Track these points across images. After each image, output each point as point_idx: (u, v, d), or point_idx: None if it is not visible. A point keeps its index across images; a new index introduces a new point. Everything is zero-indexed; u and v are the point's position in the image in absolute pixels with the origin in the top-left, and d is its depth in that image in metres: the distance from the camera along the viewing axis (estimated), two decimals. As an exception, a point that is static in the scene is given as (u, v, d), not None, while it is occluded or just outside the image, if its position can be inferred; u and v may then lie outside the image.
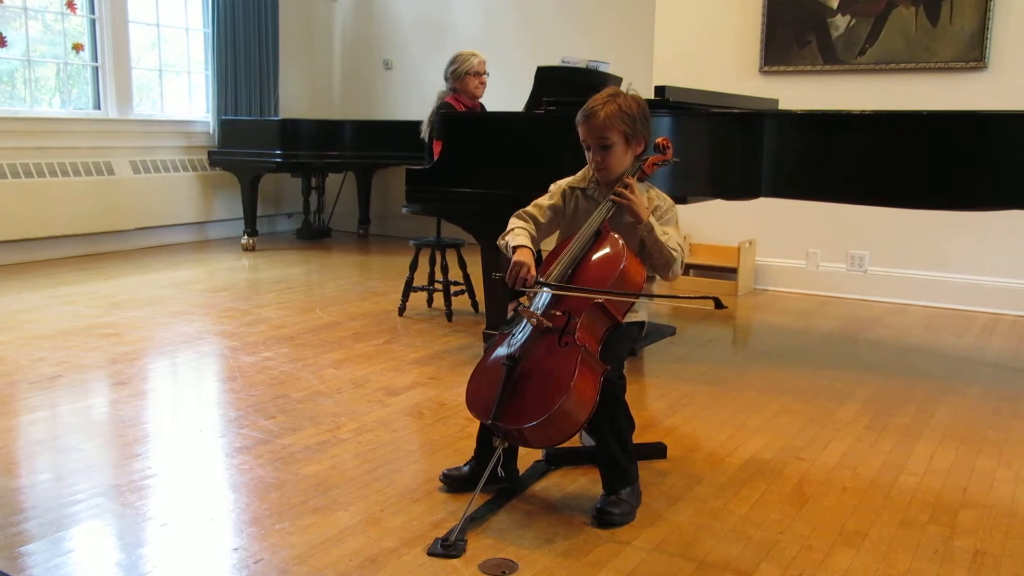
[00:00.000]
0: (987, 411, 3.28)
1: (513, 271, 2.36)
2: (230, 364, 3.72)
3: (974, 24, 4.90)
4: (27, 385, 3.38)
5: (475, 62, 4.69)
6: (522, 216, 2.58)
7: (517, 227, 2.53)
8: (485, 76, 4.77)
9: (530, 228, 2.54)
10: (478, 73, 4.71)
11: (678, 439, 2.92)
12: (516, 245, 2.44)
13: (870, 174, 3.46)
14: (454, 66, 4.71)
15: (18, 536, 2.15)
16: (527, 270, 2.35)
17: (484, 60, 4.75)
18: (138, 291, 5.22)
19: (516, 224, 2.55)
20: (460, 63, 4.69)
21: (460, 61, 4.69)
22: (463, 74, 4.68)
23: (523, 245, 2.44)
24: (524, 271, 2.35)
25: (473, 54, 4.72)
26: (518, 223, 2.55)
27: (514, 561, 2.06)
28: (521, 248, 2.43)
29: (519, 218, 2.57)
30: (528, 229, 2.53)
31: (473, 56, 4.70)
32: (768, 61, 5.49)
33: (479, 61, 4.71)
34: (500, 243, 2.52)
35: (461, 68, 4.68)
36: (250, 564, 2.03)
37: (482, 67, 4.73)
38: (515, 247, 2.43)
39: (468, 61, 4.68)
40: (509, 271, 2.37)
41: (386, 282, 5.70)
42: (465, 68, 4.67)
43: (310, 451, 2.74)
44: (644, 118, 2.45)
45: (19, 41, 6.19)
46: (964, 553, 2.15)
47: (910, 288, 5.28)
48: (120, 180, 6.62)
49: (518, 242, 2.45)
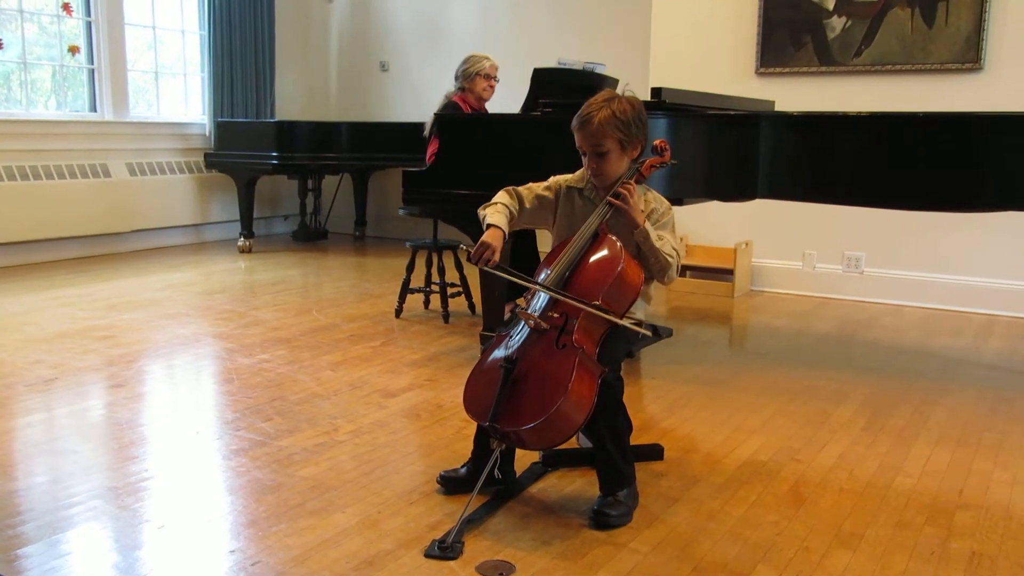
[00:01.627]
0: (983, 413, 3.29)
1: (479, 249, 2.35)
2: (227, 366, 3.72)
3: (970, 25, 4.91)
4: (23, 387, 3.37)
5: (487, 64, 4.71)
6: (510, 192, 2.57)
7: (500, 203, 2.52)
8: (495, 80, 4.78)
9: (512, 206, 2.53)
10: (488, 76, 4.72)
11: (675, 440, 2.92)
12: (490, 223, 2.42)
13: (866, 175, 3.47)
14: (465, 66, 4.73)
15: (15, 539, 2.15)
16: (491, 252, 2.35)
17: (496, 65, 4.78)
18: (134, 293, 5.21)
19: (501, 199, 2.54)
20: (472, 63, 4.71)
21: (472, 62, 4.72)
22: (473, 74, 4.69)
23: (496, 225, 2.42)
24: (488, 252, 2.34)
25: (486, 57, 4.75)
26: (503, 198, 2.54)
27: (511, 563, 2.06)
28: (493, 228, 2.41)
29: (507, 193, 2.56)
30: (511, 207, 2.52)
31: (485, 59, 4.73)
32: (764, 63, 5.50)
33: (491, 64, 4.73)
34: (480, 213, 2.50)
35: (472, 68, 4.70)
36: (247, 566, 2.03)
37: (493, 71, 4.75)
38: (489, 224, 2.42)
39: (480, 63, 4.70)
40: (475, 248, 2.36)
41: (383, 284, 5.70)
42: (476, 69, 4.69)
43: (307, 453, 2.73)
44: (640, 121, 2.45)
45: (15, 43, 6.18)
46: (961, 555, 2.16)
47: (906, 289, 5.28)
48: (116, 182, 6.61)
49: (492, 220, 2.43)
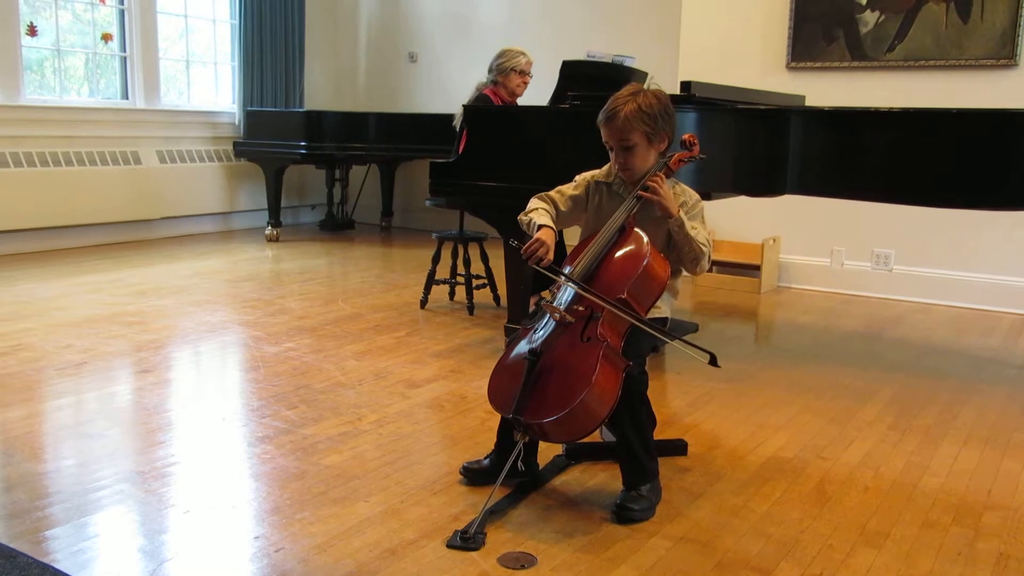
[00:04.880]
0: (1013, 413, 3.25)
1: (532, 246, 2.35)
2: (253, 354, 3.75)
3: (1006, 21, 4.83)
4: (53, 371, 3.42)
5: (522, 60, 4.69)
6: (544, 199, 2.57)
7: (540, 207, 2.53)
8: (529, 76, 4.76)
9: (551, 211, 2.54)
10: (523, 72, 4.70)
11: (699, 436, 2.91)
12: (541, 224, 2.44)
13: (897, 172, 3.43)
14: (500, 60, 4.70)
15: (43, 520, 2.18)
16: (545, 250, 2.35)
17: (531, 61, 4.75)
18: (163, 280, 5.26)
19: (538, 204, 2.55)
20: (508, 58, 4.68)
21: (508, 56, 4.69)
22: (508, 70, 4.67)
23: (547, 225, 2.44)
24: (543, 251, 2.35)
25: (522, 52, 4.72)
26: (540, 204, 2.55)
27: (533, 555, 2.06)
28: (545, 228, 2.43)
29: (541, 199, 2.57)
30: (549, 211, 2.53)
31: (522, 55, 4.71)
32: (795, 57, 5.44)
33: (526, 61, 4.71)
34: (522, 219, 2.52)
35: (507, 63, 4.67)
36: (271, 552, 2.05)
37: (528, 67, 4.73)
38: (540, 225, 2.43)
39: (516, 58, 4.68)
40: (528, 244, 2.36)
41: (408, 275, 5.71)
42: (511, 64, 4.67)
43: (331, 442, 2.75)
44: (666, 114, 2.43)
45: (49, 31, 6.25)
46: (988, 555, 2.13)
47: (936, 287, 5.22)
48: (146, 170, 6.68)
49: (542, 221, 2.45)
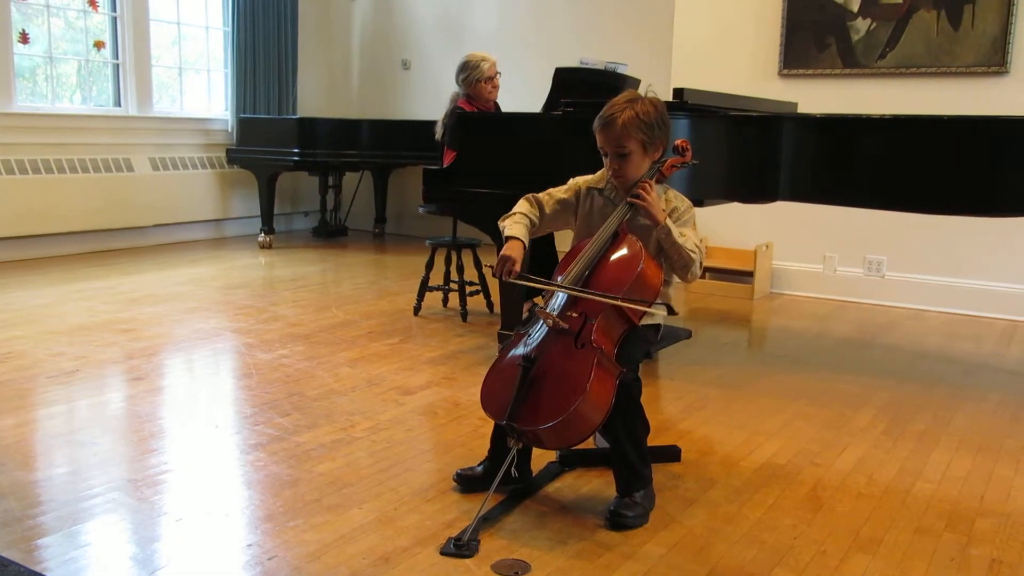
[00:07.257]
0: (1005, 419, 3.26)
1: (499, 263, 2.39)
2: (246, 361, 3.74)
3: (996, 29, 4.86)
4: (45, 379, 3.40)
5: (485, 68, 4.62)
6: (530, 200, 2.58)
7: (519, 212, 2.54)
8: (497, 78, 4.71)
9: (532, 215, 2.54)
10: (490, 78, 4.65)
11: (693, 442, 2.91)
12: (509, 236, 2.45)
13: (889, 179, 3.44)
14: (465, 74, 4.64)
15: (34, 529, 2.17)
16: (512, 263, 2.37)
17: (494, 62, 4.68)
18: (155, 287, 5.25)
19: (521, 208, 2.55)
20: (471, 71, 4.61)
21: (471, 68, 4.62)
22: (475, 82, 4.61)
23: (516, 237, 2.44)
24: (509, 264, 2.37)
25: (483, 59, 4.64)
26: (523, 207, 2.56)
27: (527, 562, 2.05)
28: (513, 240, 2.43)
29: (527, 201, 2.58)
30: (530, 215, 2.54)
31: (483, 61, 4.63)
32: (787, 64, 5.47)
33: (489, 65, 4.64)
34: (500, 225, 2.53)
35: (472, 76, 4.61)
36: (263, 560, 2.04)
37: (493, 71, 4.65)
38: (508, 237, 2.44)
39: (479, 68, 4.60)
40: (496, 264, 2.39)
41: (401, 281, 5.71)
42: (476, 76, 4.60)
43: (324, 449, 2.74)
44: (662, 123, 2.44)
45: (41, 38, 6.24)
46: (981, 562, 2.14)
47: (928, 293, 5.24)
48: (139, 177, 6.67)
49: (511, 232, 2.46)
